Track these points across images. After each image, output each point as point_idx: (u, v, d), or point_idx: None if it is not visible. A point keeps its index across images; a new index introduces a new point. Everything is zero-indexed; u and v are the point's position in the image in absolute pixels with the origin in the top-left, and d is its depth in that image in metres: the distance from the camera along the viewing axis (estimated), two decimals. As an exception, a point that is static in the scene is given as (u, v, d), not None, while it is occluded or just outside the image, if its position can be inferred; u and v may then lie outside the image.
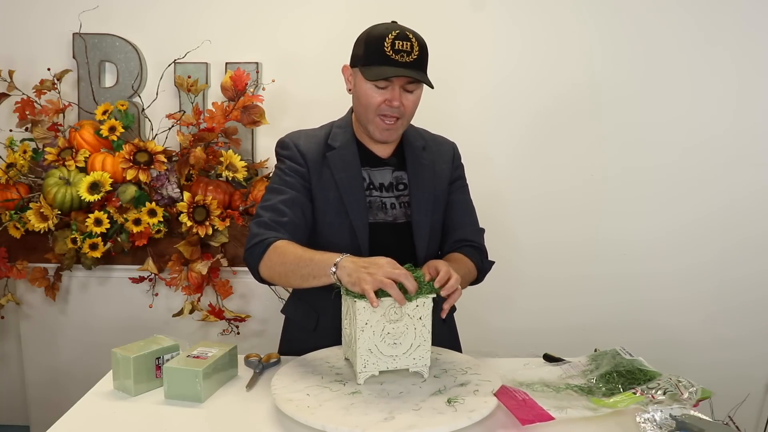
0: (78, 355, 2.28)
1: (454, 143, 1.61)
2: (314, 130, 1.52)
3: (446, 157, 1.55)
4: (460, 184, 1.58)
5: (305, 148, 1.47)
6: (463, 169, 1.61)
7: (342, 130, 1.50)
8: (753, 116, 2.31)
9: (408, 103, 1.39)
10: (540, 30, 2.32)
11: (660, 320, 2.40)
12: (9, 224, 2.16)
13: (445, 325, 1.61)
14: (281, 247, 1.33)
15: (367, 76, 1.34)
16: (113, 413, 1.22)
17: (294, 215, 1.39)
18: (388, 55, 1.32)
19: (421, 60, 1.35)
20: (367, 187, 1.46)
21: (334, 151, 1.46)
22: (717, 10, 2.26)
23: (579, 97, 2.33)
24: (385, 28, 1.35)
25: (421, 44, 1.35)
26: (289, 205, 1.40)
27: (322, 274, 1.23)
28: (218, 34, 2.30)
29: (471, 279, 1.49)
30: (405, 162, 1.49)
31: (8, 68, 2.27)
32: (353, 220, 1.42)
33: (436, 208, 1.50)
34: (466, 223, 1.55)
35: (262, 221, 1.38)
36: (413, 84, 1.37)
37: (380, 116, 1.39)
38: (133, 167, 2.13)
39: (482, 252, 1.55)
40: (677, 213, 2.37)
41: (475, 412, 1.12)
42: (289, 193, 1.41)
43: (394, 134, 1.43)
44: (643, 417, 1.08)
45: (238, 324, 2.21)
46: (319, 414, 1.10)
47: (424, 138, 1.56)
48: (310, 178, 1.45)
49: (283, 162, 1.48)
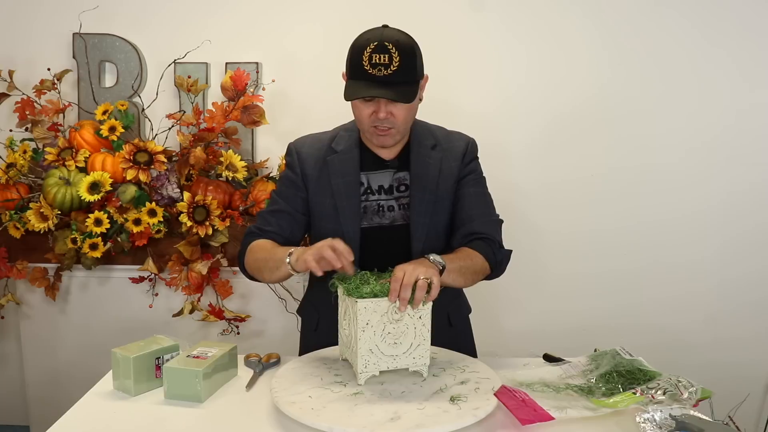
0: (78, 355, 2.28)
1: (470, 140, 1.55)
2: (322, 134, 1.54)
3: (456, 154, 1.51)
4: (473, 177, 1.52)
5: (307, 153, 1.50)
6: (478, 164, 1.55)
7: (348, 133, 1.51)
8: (754, 116, 2.32)
9: (398, 112, 1.37)
10: (545, 32, 2.31)
11: (660, 320, 2.40)
12: (9, 224, 2.16)
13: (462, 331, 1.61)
14: (255, 245, 1.45)
15: (345, 94, 1.34)
16: (113, 413, 1.22)
17: (278, 224, 1.48)
18: (365, 69, 1.31)
19: (402, 70, 1.31)
20: (364, 192, 1.47)
21: (336, 155, 1.48)
22: (716, 14, 2.26)
23: (580, 96, 2.33)
24: (365, 39, 1.32)
25: (405, 51, 1.31)
26: (277, 216, 1.49)
27: (281, 264, 1.32)
28: (218, 34, 2.30)
29: (478, 271, 1.41)
30: (409, 162, 1.48)
31: (8, 68, 2.27)
32: (343, 226, 1.44)
33: (437, 209, 1.47)
34: (474, 216, 1.48)
35: (251, 230, 1.50)
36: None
37: (373, 127, 1.39)
38: (133, 167, 2.13)
39: (493, 243, 1.46)
40: (676, 211, 2.36)
41: (479, 409, 1.13)
42: (280, 204, 1.50)
43: (390, 140, 1.43)
44: (643, 417, 1.08)
45: (238, 324, 2.21)
46: (324, 416, 1.10)
47: (435, 136, 1.52)
48: (307, 187, 1.49)
49: (285, 170, 1.55)
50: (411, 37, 1.37)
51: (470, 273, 1.39)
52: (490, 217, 1.51)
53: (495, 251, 1.45)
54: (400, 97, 1.32)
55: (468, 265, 1.38)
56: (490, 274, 1.46)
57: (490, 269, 1.44)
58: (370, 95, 1.32)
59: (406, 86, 1.34)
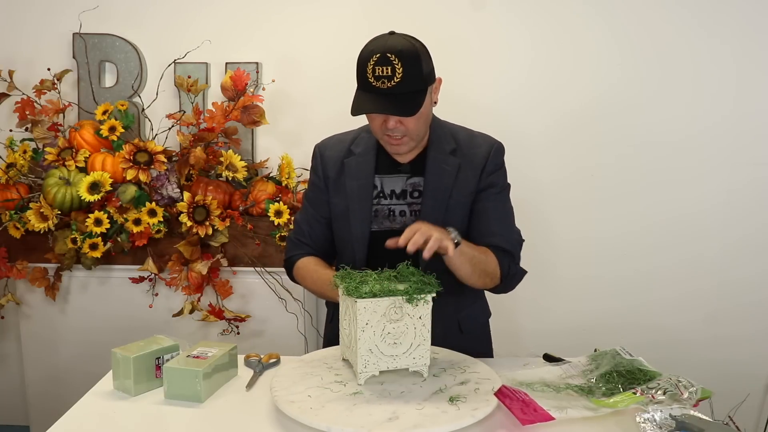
0: (78, 355, 2.28)
1: (495, 144, 1.50)
2: (346, 134, 1.56)
3: (477, 162, 1.47)
4: (494, 191, 1.49)
5: (329, 156, 1.53)
6: (502, 174, 1.51)
7: (368, 135, 1.51)
8: (755, 117, 2.31)
9: (408, 121, 1.36)
10: (549, 29, 2.31)
11: (660, 320, 2.40)
12: (9, 224, 2.16)
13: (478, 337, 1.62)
14: (301, 268, 1.53)
15: (351, 108, 1.35)
16: (113, 413, 1.22)
17: (311, 237, 1.56)
18: (369, 81, 1.32)
19: (406, 81, 1.30)
20: (377, 195, 1.47)
21: (353, 157, 1.50)
22: (725, 12, 2.25)
23: (586, 94, 2.33)
24: (369, 51, 1.32)
25: (408, 60, 1.30)
26: (311, 223, 1.56)
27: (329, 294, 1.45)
28: (218, 34, 2.30)
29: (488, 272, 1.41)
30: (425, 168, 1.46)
31: (8, 68, 2.27)
32: (353, 228, 1.46)
33: (448, 219, 1.44)
34: (496, 232, 1.46)
35: (291, 239, 1.59)
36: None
37: (386, 136, 1.40)
38: (133, 167, 2.13)
39: (512, 258, 1.46)
40: (675, 210, 2.36)
41: (478, 410, 1.13)
42: (309, 212, 1.57)
43: (404, 148, 1.43)
44: (643, 417, 1.08)
45: (238, 324, 2.21)
46: (323, 415, 1.10)
47: (456, 139, 1.49)
48: (329, 189, 1.52)
49: (311, 173, 1.59)
50: (416, 43, 1.35)
51: (480, 268, 1.39)
52: (512, 235, 1.50)
53: (510, 265, 1.46)
54: (401, 111, 1.32)
55: (481, 259, 1.39)
56: (498, 285, 1.46)
57: (500, 279, 1.44)
58: (372, 111, 1.34)
59: (412, 96, 1.33)
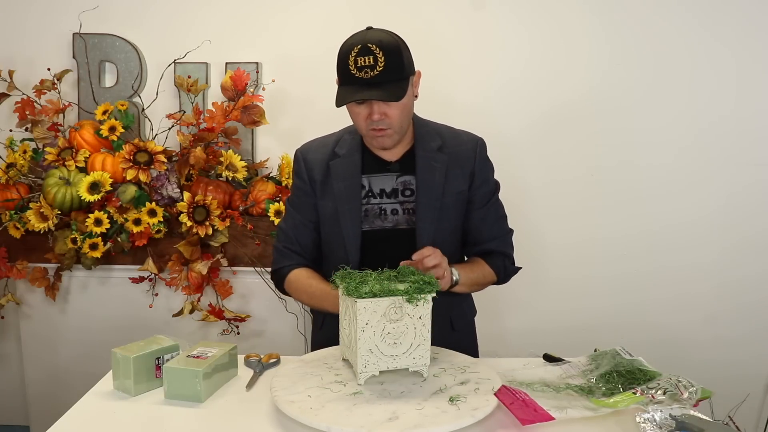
0: (78, 355, 2.28)
1: (478, 141, 1.53)
2: (328, 137, 1.55)
3: (463, 160, 1.50)
4: (486, 190, 1.53)
5: (313, 159, 1.52)
6: (490, 169, 1.55)
7: (351, 136, 1.51)
8: (756, 117, 2.31)
9: (392, 111, 1.37)
10: (545, 27, 2.31)
11: (660, 320, 2.40)
12: (9, 224, 2.16)
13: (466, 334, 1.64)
14: (294, 281, 1.51)
15: (335, 101, 1.36)
16: (113, 413, 1.22)
17: (299, 244, 1.53)
18: (352, 73, 1.32)
19: (389, 69, 1.31)
20: (366, 195, 1.47)
21: (338, 159, 1.49)
22: (722, 10, 2.25)
23: (577, 94, 2.33)
24: (349, 44, 1.33)
25: (389, 50, 1.31)
26: (298, 230, 1.54)
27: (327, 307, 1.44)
28: (218, 34, 2.30)
29: (485, 284, 1.54)
30: (414, 166, 1.47)
31: (8, 68, 2.27)
32: (344, 229, 1.46)
33: (443, 216, 1.47)
34: (491, 236, 1.55)
35: (278, 248, 1.55)
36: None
37: (371, 129, 1.40)
38: (133, 167, 2.13)
39: (507, 260, 1.57)
40: (675, 210, 2.36)
41: (478, 410, 1.12)
42: (296, 218, 1.54)
43: (389, 141, 1.43)
44: (643, 417, 1.08)
45: (238, 324, 2.21)
46: (323, 415, 1.10)
47: (442, 137, 1.51)
48: (315, 192, 1.51)
49: (294, 178, 1.57)
50: (395, 36, 1.37)
51: (477, 286, 1.53)
52: (505, 234, 1.58)
53: (507, 267, 1.56)
54: (388, 96, 1.33)
55: (478, 280, 1.50)
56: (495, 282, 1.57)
57: (497, 280, 1.56)
58: (358, 99, 1.33)
59: (395, 84, 1.34)
